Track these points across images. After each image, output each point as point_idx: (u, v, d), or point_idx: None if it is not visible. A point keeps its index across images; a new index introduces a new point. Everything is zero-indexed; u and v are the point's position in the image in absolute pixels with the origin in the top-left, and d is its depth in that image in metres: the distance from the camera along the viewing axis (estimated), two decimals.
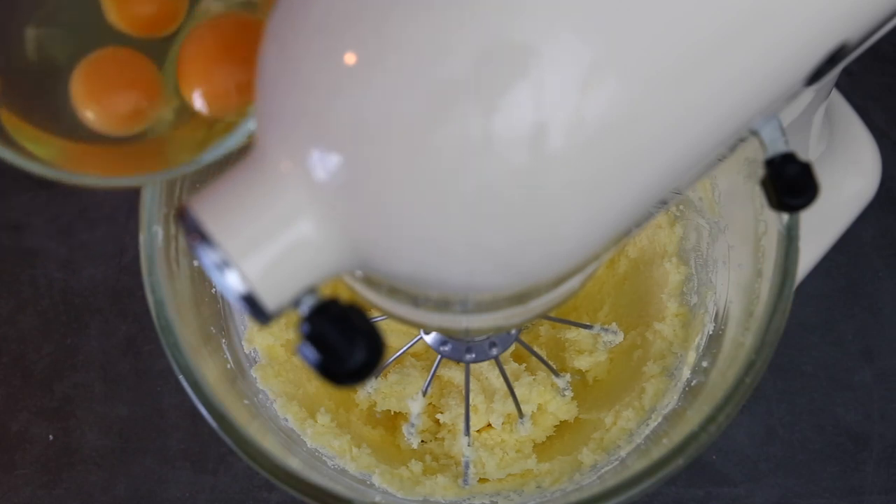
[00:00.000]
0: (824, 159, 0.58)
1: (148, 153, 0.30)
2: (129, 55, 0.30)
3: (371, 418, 0.57)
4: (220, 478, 0.60)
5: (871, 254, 0.63)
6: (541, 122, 0.21)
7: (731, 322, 0.45)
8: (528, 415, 0.53)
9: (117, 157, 0.30)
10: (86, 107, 0.29)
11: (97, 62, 0.30)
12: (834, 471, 0.60)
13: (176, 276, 0.42)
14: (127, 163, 0.30)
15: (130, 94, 0.30)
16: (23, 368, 0.62)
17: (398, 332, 0.56)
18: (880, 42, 0.48)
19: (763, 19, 0.22)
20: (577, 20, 0.21)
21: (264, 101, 0.25)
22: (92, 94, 0.29)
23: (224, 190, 0.24)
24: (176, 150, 0.30)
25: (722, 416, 0.39)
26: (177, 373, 0.39)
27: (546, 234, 0.24)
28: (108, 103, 0.29)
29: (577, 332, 0.55)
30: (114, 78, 0.30)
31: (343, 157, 0.23)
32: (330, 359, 0.24)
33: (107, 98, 0.29)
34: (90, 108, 0.29)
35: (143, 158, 0.30)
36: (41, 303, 0.64)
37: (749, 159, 0.42)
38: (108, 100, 0.29)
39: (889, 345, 0.62)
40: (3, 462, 0.61)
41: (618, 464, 0.46)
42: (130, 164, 0.30)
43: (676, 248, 0.53)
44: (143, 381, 0.62)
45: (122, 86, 0.30)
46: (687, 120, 0.23)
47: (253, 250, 0.24)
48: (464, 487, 0.51)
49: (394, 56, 0.22)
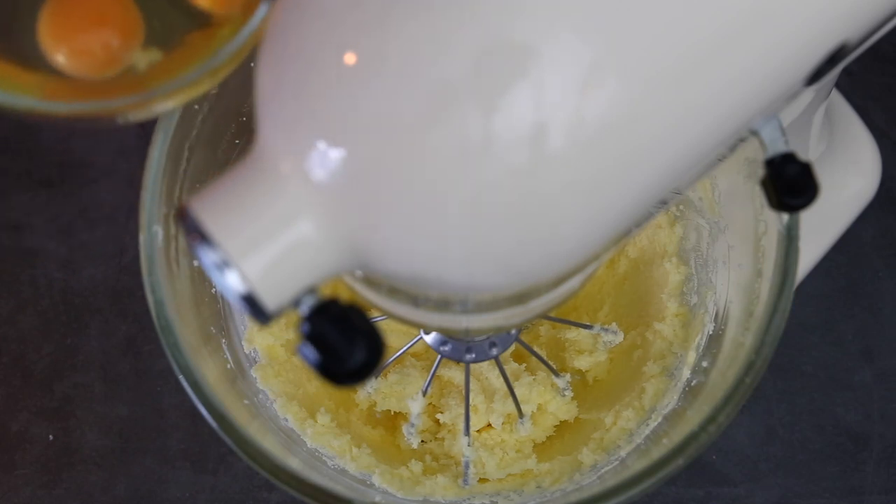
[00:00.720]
0: (824, 159, 0.58)
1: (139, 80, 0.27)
2: None
3: (371, 418, 0.57)
4: (220, 478, 0.60)
5: (871, 254, 0.63)
6: (540, 122, 0.21)
7: (731, 322, 0.45)
8: (528, 415, 0.53)
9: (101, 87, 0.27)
10: (55, 49, 0.26)
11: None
12: (834, 471, 0.60)
13: (176, 276, 0.42)
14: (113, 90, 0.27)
15: (102, 33, 0.26)
16: (23, 368, 0.62)
17: (398, 332, 0.56)
18: (880, 42, 0.48)
19: (763, 19, 0.22)
20: (577, 20, 0.21)
21: (264, 101, 0.25)
22: (60, 34, 0.26)
23: (224, 190, 0.24)
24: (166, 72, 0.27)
25: (722, 416, 0.39)
26: (177, 373, 0.39)
27: (546, 235, 0.24)
28: (78, 43, 0.26)
29: (577, 332, 0.55)
30: (84, 14, 0.27)
31: (343, 157, 0.23)
32: (330, 359, 0.24)
33: (76, 37, 0.26)
34: (59, 50, 0.26)
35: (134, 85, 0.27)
36: (41, 303, 0.64)
37: (749, 159, 0.42)
38: (78, 39, 0.26)
39: (889, 345, 0.62)
40: (3, 462, 0.61)
41: (618, 464, 0.46)
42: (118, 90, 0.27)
43: (676, 248, 0.53)
44: (143, 381, 0.62)
45: (93, 23, 0.26)
46: (687, 120, 0.23)
47: (253, 250, 0.24)
48: (464, 487, 0.51)
49: (394, 56, 0.22)
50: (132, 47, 0.27)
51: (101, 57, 0.27)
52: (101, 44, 0.26)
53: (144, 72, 0.27)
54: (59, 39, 0.26)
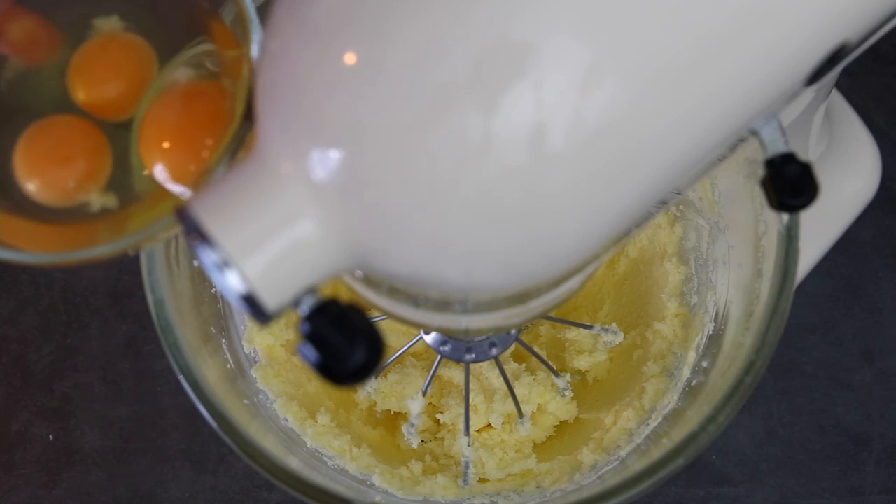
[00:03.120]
0: (824, 159, 0.58)
1: (93, 230, 0.29)
2: (78, 124, 0.29)
3: (371, 418, 0.57)
4: (220, 478, 0.60)
5: (871, 254, 0.63)
6: (540, 121, 0.21)
7: (731, 322, 0.45)
8: (527, 415, 0.53)
9: (55, 235, 0.29)
10: (29, 174, 0.28)
11: (44, 129, 0.28)
12: (834, 471, 0.60)
13: (176, 276, 0.42)
14: (65, 239, 0.29)
15: (76, 164, 0.28)
16: (23, 368, 0.62)
17: (398, 332, 0.56)
18: (880, 42, 0.48)
19: (763, 19, 0.22)
20: (577, 19, 0.21)
21: (264, 101, 0.25)
22: (35, 161, 0.28)
23: (224, 190, 0.24)
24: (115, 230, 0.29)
25: (722, 416, 0.39)
26: (177, 373, 0.39)
27: (546, 235, 0.24)
28: (52, 171, 0.28)
29: (577, 332, 0.55)
30: (59, 146, 0.28)
31: (342, 157, 0.23)
32: (330, 359, 0.24)
33: (50, 166, 0.28)
34: (34, 175, 0.28)
35: (90, 234, 0.29)
36: (41, 303, 0.64)
37: (749, 159, 0.42)
38: (52, 168, 0.28)
39: (889, 345, 0.62)
40: (3, 462, 0.61)
41: (618, 464, 0.46)
42: (69, 241, 0.29)
43: (676, 248, 0.53)
44: (143, 381, 0.62)
45: (67, 155, 0.28)
46: (687, 120, 0.23)
47: (253, 250, 0.24)
48: (464, 487, 0.51)
49: (393, 56, 0.22)
50: (99, 179, 0.29)
51: (70, 183, 0.28)
52: (74, 172, 0.28)
53: (117, 217, 0.29)
54: (34, 164, 0.28)
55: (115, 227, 0.28)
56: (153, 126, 0.28)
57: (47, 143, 0.29)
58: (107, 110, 0.29)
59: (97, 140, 0.29)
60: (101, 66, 0.29)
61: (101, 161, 0.29)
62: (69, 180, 0.28)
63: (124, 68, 0.29)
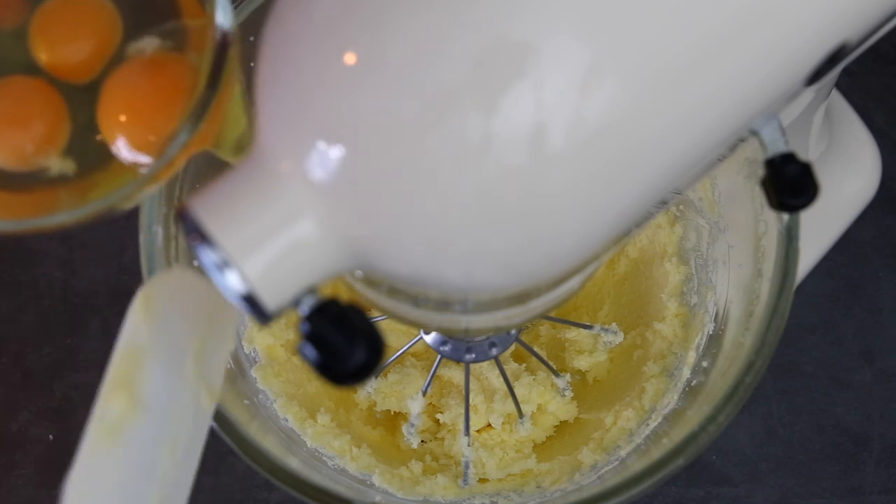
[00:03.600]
0: (824, 159, 0.58)
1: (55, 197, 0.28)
2: (36, 84, 0.28)
3: (371, 418, 0.57)
4: (220, 478, 0.60)
5: (871, 254, 0.63)
6: (540, 121, 0.21)
7: (731, 322, 0.45)
8: (528, 415, 0.53)
9: (14, 201, 0.29)
10: None
11: (1, 90, 0.28)
12: (834, 471, 0.60)
13: None
14: (24, 206, 0.28)
15: (34, 126, 0.28)
16: (23, 368, 0.62)
17: (398, 332, 0.56)
18: (880, 42, 0.48)
19: (763, 19, 0.22)
20: (577, 19, 0.21)
21: (263, 101, 0.25)
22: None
23: (224, 190, 0.24)
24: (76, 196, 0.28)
25: (722, 416, 0.39)
26: None
27: (546, 235, 0.24)
28: (9, 133, 0.28)
29: (577, 332, 0.55)
30: (16, 107, 0.28)
31: (342, 157, 0.23)
32: (330, 358, 0.24)
33: (7, 129, 0.28)
34: None
35: (51, 201, 0.28)
36: (41, 303, 0.64)
37: (749, 159, 0.42)
38: (9, 130, 0.28)
39: (889, 345, 0.62)
40: (3, 462, 0.61)
41: (618, 464, 0.46)
42: (29, 208, 0.28)
43: (676, 248, 0.53)
44: None
45: (26, 116, 0.28)
46: (687, 120, 0.23)
47: (253, 250, 0.24)
48: (464, 487, 0.51)
49: (393, 56, 0.22)
50: (56, 145, 0.28)
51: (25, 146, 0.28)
52: (29, 135, 0.28)
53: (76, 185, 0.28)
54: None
55: (78, 193, 0.28)
56: (115, 95, 0.28)
57: (4, 105, 0.28)
58: (70, 71, 0.28)
59: (56, 102, 0.28)
60: (64, 24, 0.28)
61: (61, 124, 0.28)
62: (28, 143, 0.28)
63: (88, 27, 0.28)
